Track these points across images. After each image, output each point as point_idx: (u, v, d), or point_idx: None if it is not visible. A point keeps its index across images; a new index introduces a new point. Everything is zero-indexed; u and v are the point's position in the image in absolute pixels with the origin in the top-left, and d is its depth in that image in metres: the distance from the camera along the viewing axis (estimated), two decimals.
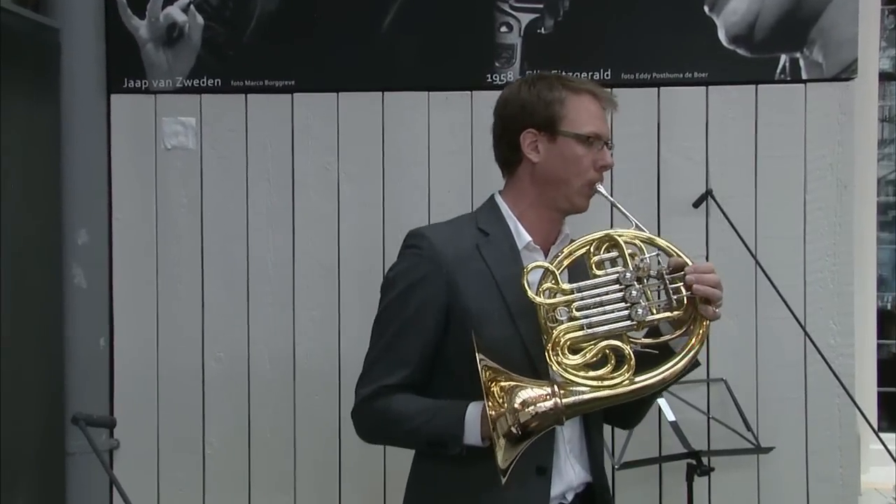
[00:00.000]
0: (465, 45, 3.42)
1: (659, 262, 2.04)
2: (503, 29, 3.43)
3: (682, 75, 3.40)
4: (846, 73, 3.36)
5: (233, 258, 3.49)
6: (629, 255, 2.03)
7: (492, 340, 1.98)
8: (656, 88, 3.41)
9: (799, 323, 3.26)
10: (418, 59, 3.43)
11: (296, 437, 3.46)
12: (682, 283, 2.01)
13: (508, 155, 2.17)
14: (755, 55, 3.38)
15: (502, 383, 1.93)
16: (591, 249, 2.05)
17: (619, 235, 2.05)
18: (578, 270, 2.08)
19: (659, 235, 3.32)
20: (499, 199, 2.20)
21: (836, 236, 3.38)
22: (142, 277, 3.50)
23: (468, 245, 2.11)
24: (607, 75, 3.41)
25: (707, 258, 3.37)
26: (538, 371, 2.03)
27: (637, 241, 2.05)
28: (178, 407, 3.49)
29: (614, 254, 2.05)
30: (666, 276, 2.01)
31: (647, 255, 2.03)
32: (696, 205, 3.38)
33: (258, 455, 3.48)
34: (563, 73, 2.19)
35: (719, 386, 3.31)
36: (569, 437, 2.13)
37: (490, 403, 1.89)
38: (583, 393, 1.96)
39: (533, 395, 1.93)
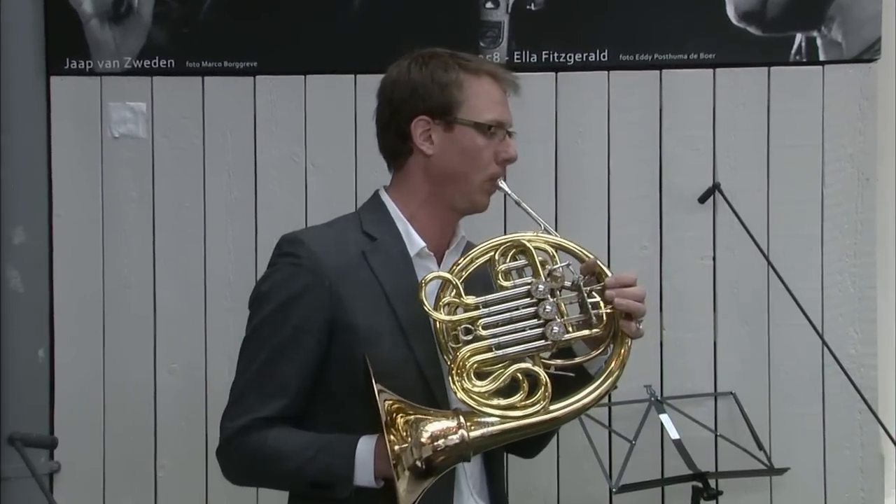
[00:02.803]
0: (447, 22, 3.39)
1: (573, 272, 1.98)
2: (489, 5, 3.41)
3: (686, 56, 3.39)
4: (868, 53, 3.35)
5: (188, 259, 3.46)
6: (540, 262, 1.97)
7: (382, 362, 1.91)
8: (658, 71, 3.41)
9: (816, 331, 3.25)
10: (394, 38, 3.34)
11: None
12: (600, 297, 1.95)
13: (396, 145, 2.10)
14: (768, 34, 3.37)
15: (406, 416, 1.86)
16: (496, 256, 1.98)
17: (528, 240, 1.98)
18: (476, 281, 2.00)
19: (660, 234, 3.38)
20: (385, 198, 2.13)
21: (856, 235, 3.38)
22: (86, 281, 3.45)
23: (353, 252, 2.03)
24: (604, 56, 3.40)
25: (714, 258, 3.40)
26: (435, 396, 1.99)
27: (548, 247, 1.99)
28: (126, 425, 3.44)
29: (522, 262, 1.98)
30: (583, 289, 1.95)
31: (559, 265, 1.96)
32: (702, 200, 3.38)
33: (216, 477, 3.36)
34: (458, 52, 2.13)
35: (728, 400, 3.31)
36: (471, 471, 2.07)
37: (392, 438, 1.82)
38: (493, 424, 1.90)
39: (439, 428, 1.86)
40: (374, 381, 1.84)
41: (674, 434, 3.12)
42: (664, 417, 3.13)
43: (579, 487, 3.31)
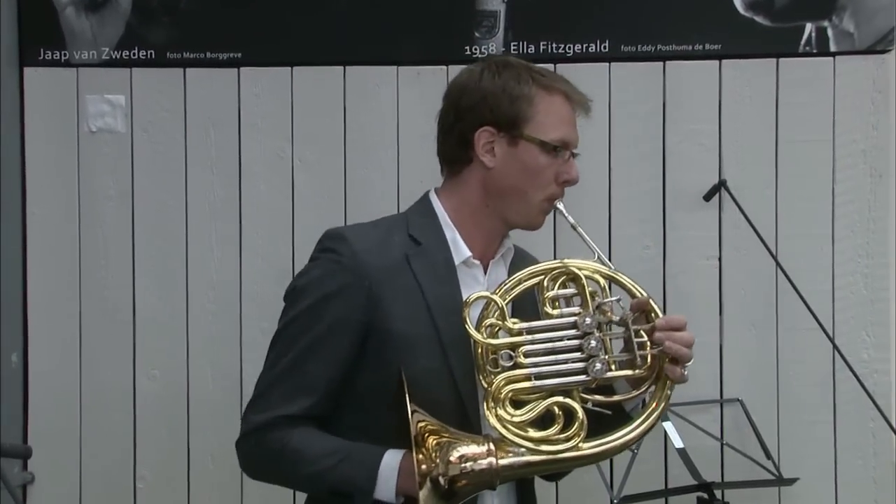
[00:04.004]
0: (440, 11, 3.39)
1: (622, 307, 1.98)
2: None
3: (691, 47, 3.39)
4: (881, 44, 3.36)
5: (169, 259, 3.46)
6: (590, 293, 1.98)
7: (416, 371, 1.93)
8: (662, 62, 3.41)
9: (827, 334, 3.24)
10: (386, 28, 3.41)
11: None
12: (648, 337, 1.96)
13: (456, 152, 2.11)
14: (776, 24, 3.37)
15: (438, 437, 1.88)
16: (546, 282, 1.99)
17: (580, 268, 1.99)
18: (526, 302, 2.02)
19: (664, 233, 3.36)
20: (435, 202, 2.14)
21: (869, 234, 3.38)
22: (61, 282, 3.45)
23: (396, 255, 2.04)
24: (605, 47, 3.39)
25: (720, 259, 3.40)
26: (467, 413, 2.00)
27: (598, 278, 1.99)
28: (104, 434, 3.43)
29: (572, 290, 1.99)
30: (632, 327, 1.96)
31: (610, 298, 1.97)
32: (708, 197, 3.37)
33: (199, 489, 3.43)
34: (534, 65, 2.13)
35: (734, 407, 3.31)
36: (504, 499, 2.08)
37: (421, 456, 1.84)
38: (522, 455, 1.91)
39: (470, 451, 1.88)
40: (408, 401, 1.85)
41: (678, 443, 3.10)
42: (668, 425, 3.11)
43: (579, 499, 3.29)
